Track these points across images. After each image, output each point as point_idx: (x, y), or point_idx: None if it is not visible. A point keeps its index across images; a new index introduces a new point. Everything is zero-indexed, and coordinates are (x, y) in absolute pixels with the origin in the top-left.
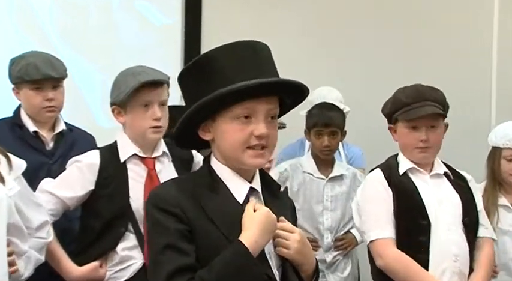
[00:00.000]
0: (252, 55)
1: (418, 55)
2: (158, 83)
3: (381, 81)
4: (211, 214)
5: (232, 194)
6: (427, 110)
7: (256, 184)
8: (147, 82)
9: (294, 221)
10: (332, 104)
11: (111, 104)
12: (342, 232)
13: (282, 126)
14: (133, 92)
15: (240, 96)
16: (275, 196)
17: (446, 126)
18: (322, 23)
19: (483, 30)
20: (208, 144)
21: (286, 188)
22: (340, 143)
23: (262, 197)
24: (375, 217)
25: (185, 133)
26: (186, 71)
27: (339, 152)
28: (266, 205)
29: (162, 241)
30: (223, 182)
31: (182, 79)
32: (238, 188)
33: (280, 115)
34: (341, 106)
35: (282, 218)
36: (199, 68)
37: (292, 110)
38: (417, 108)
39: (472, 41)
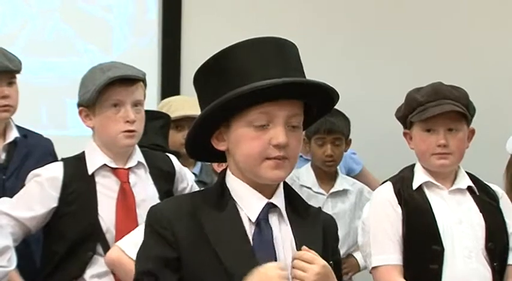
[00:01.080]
0: (276, 53)
1: (432, 56)
2: (131, 80)
3: (390, 82)
4: (212, 238)
5: (239, 214)
6: (444, 108)
7: (278, 199)
8: (117, 78)
9: (326, 248)
10: (336, 110)
11: (78, 105)
12: (344, 256)
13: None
14: (101, 90)
15: (257, 97)
16: (301, 217)
17: (472, 132)
18: (321, 22)
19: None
20: (224, 157)
21: (319, 208)
22: None
23: (285, 215)
24: (380, 239)
25: (197, 142)
26: (202, 69)
27: None
28: (291, 226)
29: (141, 265)
30: (233, 200)
31: (197, 79)
32: (252, 204)
33: (307, 125)
34: None
35: (304, 247)
36: (215, 65)
37: None
38: (432, 108)
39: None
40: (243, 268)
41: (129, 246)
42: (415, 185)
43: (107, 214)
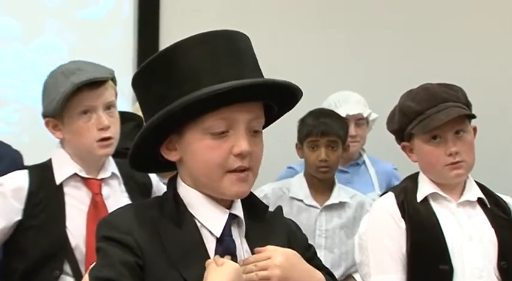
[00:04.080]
0: (229, 49)
1: (437, 53)
2: (98, 82)
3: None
4: (172, 252)
5: (199, 229)
6: (451, 113)
7: (237, 208)
8: (83, 84)
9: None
10: (331, 111)
11: (43, 116)
12: (342, 277)
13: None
14: (67, 98)
15: (213, 103)
16: (260, 221)
17: (475, 130)
18: (321, 8)
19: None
20: (174, 166)
21: (279, 208)
22: (366, 158)
23: (244, 225)
24: (380, 257)
25: (143, 153)
26: (143, 71)
27: (366, 167)
28: (247, 233)
29: (103, 274)
30: (189, 213)
31: (138, 82)
32: (213, 218)
33: (267, 125)
34: (366, 111)
35: (257, 249)
36: (160, 66)
37: None
38: (435, 114)
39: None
40: None
41: None
42: (419, 197)
43: (76, 228)
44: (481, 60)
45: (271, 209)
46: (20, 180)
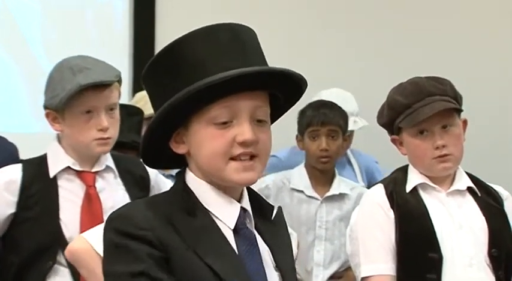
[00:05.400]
0: (233, 41)
1: (439, 48)
2: (105, 84)
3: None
4: (192, 244)
5: (214, 220)
6: (435, 107)
7: (246, 203)
8: (88, 85)
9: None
10: (331, 102)
11: (45, 107)
12: (341, 269)
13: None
14: (72, 97)
15: (216, 91)
16: (268, 221)
17: (465, 122)
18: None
19: None
20: (185, 161)
21: (279, 208)
22: (349, 152)
23: (253, 220)
24: (370, 247)
25: (154, 148)
26: (151, 67)
27: (350, 161)
28: (259, 233)
29: (132, 268)
30: (201, 205)
31: (147, 77)
32: (225, 210)
33: (275, 118)
34: (358, 123)
35: None
36: (167, 60)
37: None
38: (421, 108)
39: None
40: None
41: (97, 240)
42: (408, 187)
43: (70, 220)
44: (481, 60)
45: (272, 200)
46: (12, 173)
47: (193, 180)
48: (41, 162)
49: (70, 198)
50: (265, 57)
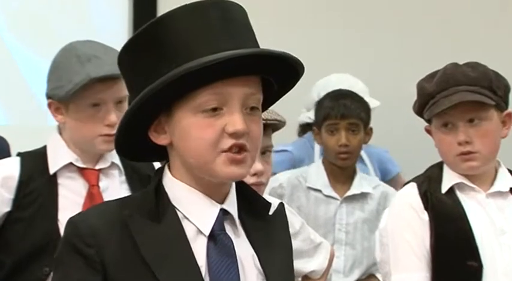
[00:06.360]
0: (223, 19)
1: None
2: (115, 77)
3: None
4: (147, 255)
5: (182, 227)
6: (453, 99)
7: (231, 205)
8: (100, 78)
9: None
10: (350, 91)
11: (47, 96)
12: (363, 276)
13: (279, 123)
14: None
15: (204, 76)
16: (262, 219)
17: (509, 116)
18: None
19: None
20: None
21: (281, 205)
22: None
23: (239, 225)
24: (401, 254)
25: (130, 137)
26: (129, 47)
27: (362, 159)
28: (248, 234)
29: None
30: (172, 207)
31: (124, 59)
32: (201, 214)
33: (266, 106)
34: (374, 103)
35: None
36: (147, 40)
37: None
38: (443, 99)
39: None
40: None
41: None
42: (444, 187)
43: None
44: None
45: (286, 200)
46: (10, 168)
47: (169, 179)
48: (40, 156)
49: (71, 197)
50: (257, 38)
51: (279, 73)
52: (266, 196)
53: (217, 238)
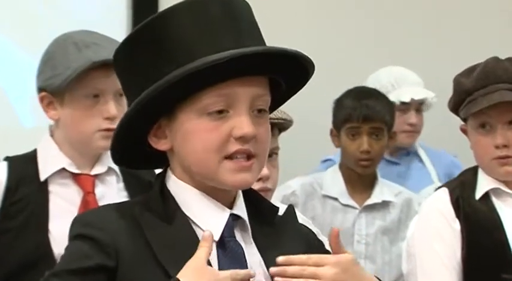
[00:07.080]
0: (226, 15)
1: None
2: None
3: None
4: (159, 254)
5: (194, 232)
6: (493, 98)
7: (240, 208)
8: (102, 62)
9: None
10: (375, 90)
11: (40, 89)
12: None
13: (286, 122)
14: (79, 75)
15: (209, 77)
16: (268, 225)
17: None
18: None
19: None
20: (166, 161)
21: (290, 207)
22: (418, 146)
23: (249, 228)
24: (430, 265)
25: (127, 143)
26: (126, 45)
27: (419, 156)
28: (255, 239)
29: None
30: (181, 212)
31: (120, 58)
32: (210, 219)
33: (274, 107)
34: (430, 94)
35: (286, 258)
36: (146, 38)
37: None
38: (481, 97)
39: None
40: None
41: None
42: (479, 193)
43: (61, 233)
44: None
45: (300, 208)
46: None
47: (174, 183)
48: (30, 160)
49: (63, 206)
50: (263, 35)
51: (288, 72)
52: (277, 202)
53: (226, 245)
